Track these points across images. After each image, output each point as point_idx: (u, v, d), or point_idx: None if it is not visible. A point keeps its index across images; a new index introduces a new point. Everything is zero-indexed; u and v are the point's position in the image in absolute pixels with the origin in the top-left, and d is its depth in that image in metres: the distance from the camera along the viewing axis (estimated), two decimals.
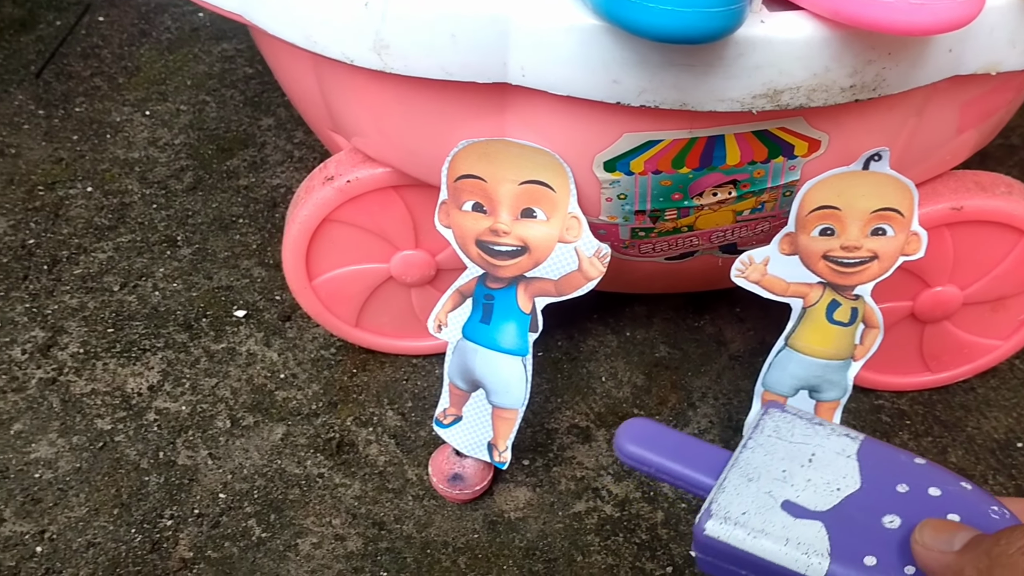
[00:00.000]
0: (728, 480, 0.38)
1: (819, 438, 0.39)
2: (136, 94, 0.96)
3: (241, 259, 0.80)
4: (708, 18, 0.41)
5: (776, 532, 0.36)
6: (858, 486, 0.37)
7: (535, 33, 0.47)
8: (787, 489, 0.38)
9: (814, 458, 0.38)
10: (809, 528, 0.36)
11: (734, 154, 0.53)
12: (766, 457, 0.38)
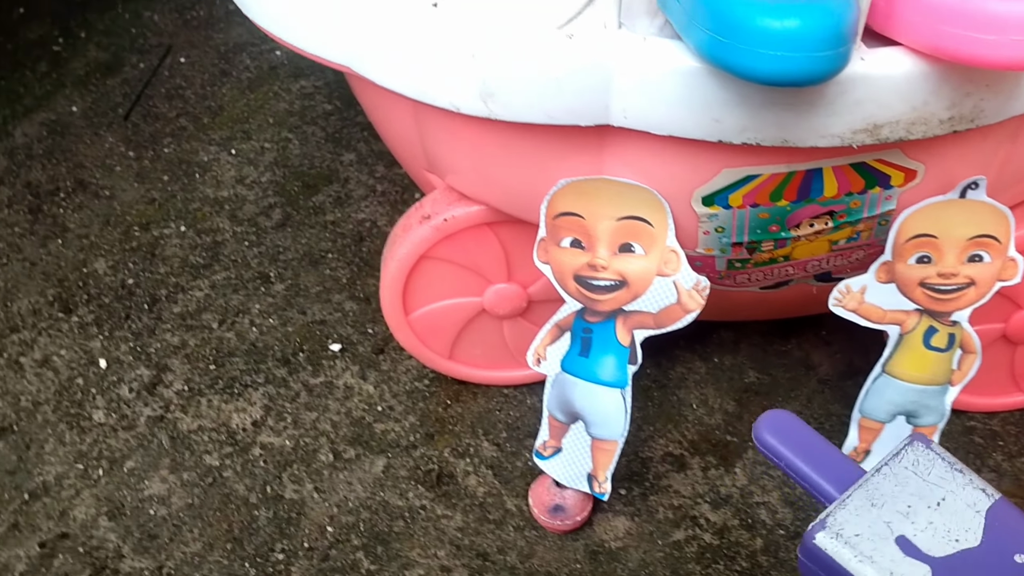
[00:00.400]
0: (852, 498, 0.39)
1: (954, 484, 0.39)
2: (221, 133, 0.99)
3: (332, 293, 0.82)
4: (817, 62, 0.42)
5: (882, 562, 0.37)
6: (977, 543, 0.37)
7: (638, 77, 0.48)
8: (907, 525, 0.38)
9: (943, 503, 0.38)
10: (916, 569, 0.37)
11: (831, 186, 0.53)
12: (896, 487, 0.39)
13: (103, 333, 0.80)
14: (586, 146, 0.53)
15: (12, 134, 0.99)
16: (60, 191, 0.92)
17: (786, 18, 0.41)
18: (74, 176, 0.94)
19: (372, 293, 0.82)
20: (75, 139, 0.98)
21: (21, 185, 0.93)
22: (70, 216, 0.90)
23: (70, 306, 0.82)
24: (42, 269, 0.85)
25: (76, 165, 0.95)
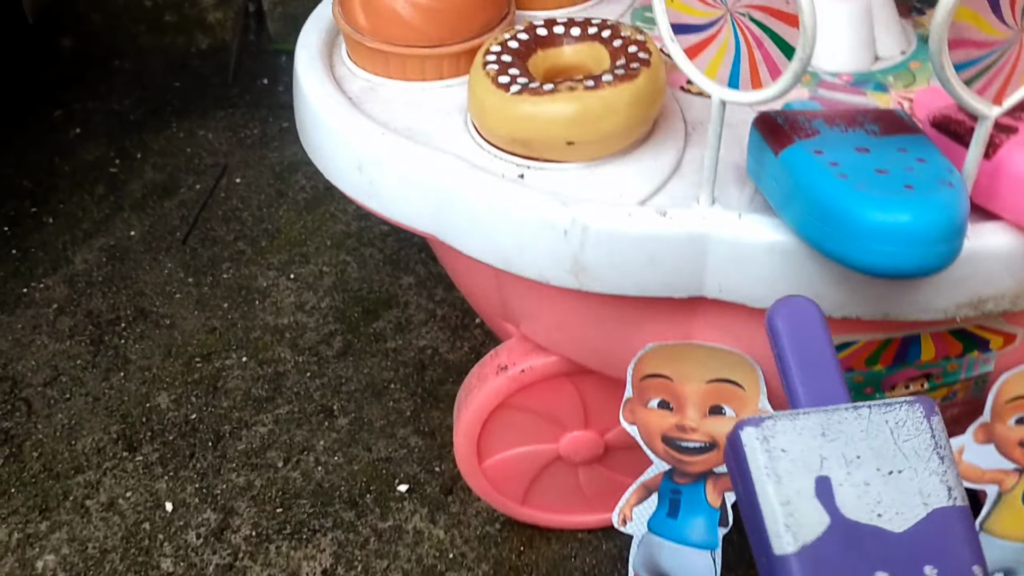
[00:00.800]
0: (806, 416, 0.35)
1: (922, 465, 0.35)
2: (279, 257, 0.99)
3: (397, 427, 0.81)
4: (930, 257, 0.41)
5: (787, 489, 0.33)
6: (898, 531, 0.33)
7: (734, 253, 0.48)
8: (840, 472, 0.34)
9: (895, 475, 0.34)
10: (815, 515, 0.33)
11: (929, 351, 0.52)
12: (860, 433, 0.35)
13: (168, 473, 0.79)
14: (676, 312, 0.53)
15: (72, 260, 0.99)
16: (121, 320, 0.93)
17: (897, 213, 0.40)
18: (135, 304, 0.94)
19: (437, 427, 0.81)
20: (134, 265, 0.99)
21: (82, 314, 0.93)
22: (131, 347, 0.90)
23: (134, 444, 0.81)
24: (105, 404, 0.85)
25: (136, 292, 0.95)
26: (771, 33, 0.41)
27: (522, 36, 0.57)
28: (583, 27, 0.57)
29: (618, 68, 0.53)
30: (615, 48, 0.55)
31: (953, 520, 0.34)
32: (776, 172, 0.46)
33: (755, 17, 0.41)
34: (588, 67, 0.56)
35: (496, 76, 0.54)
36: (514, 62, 0.55)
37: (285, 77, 1.26)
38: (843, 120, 0.48)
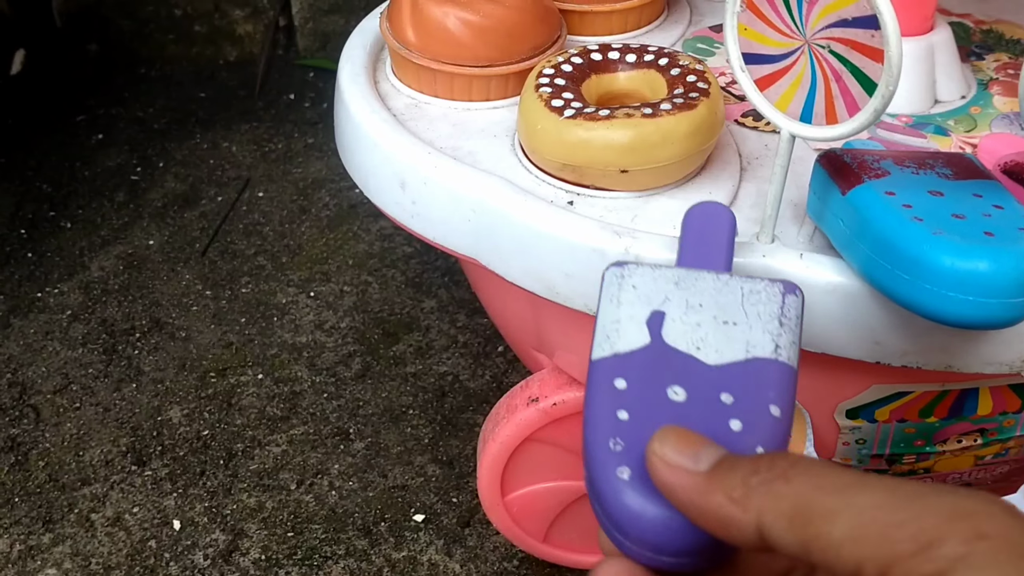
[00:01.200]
0: (667, 269, 0.38)
1: (760, 324, 0.36)
2: (300, 274, 0.97)
3: (414, 455, 0.79)
4: (1009, 309, 0.39)
5: (620, 312, 0.37)
6: (710, 364, 0.35)
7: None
8: (677, 310, 0.37)
9: (729, 325, 0.36)
10: (638, 334, 0.36)
11: (986, 405, 0.50)
12: (712, 290, 0.37)
13: (177, 490, 0.77)
14: None
15: (89, 267, 0.98)
16: (136, 330, 0.91)
17: (977, 260, 0.39)
18: (150, 314, 0.92)
19: (455, 456, 0.79)
20: (152, 275, 0.97)
21: (96, 323, 0.91)
22: (145, 358, 0.88)
23: (144, 458, 0.79)
24: (115, 416, 0.83)
25: (152, 303, 0.94)
26: (851, 67, 0.39)
27: (576, 60, 0.55)
28: (639, 54, 0.55)
29: (676, 97, 0.51)
30: (673, 77, 0.53)
31: (770, 370, 0.35)
32: (843, 212, 0.44)
33: (835, 50, 0.40)
34: (643, 94, 0.54)
35: (549, 99, 0.52)
36: (568, 86, 0.53)
37: (312, 93, 1.25)
38: (913, 162, 0.46)
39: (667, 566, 0.31)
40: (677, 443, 0.29)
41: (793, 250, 0.46)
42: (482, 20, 0.56)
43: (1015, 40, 0.65)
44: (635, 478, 0.32)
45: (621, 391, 0.35)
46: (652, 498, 0.31)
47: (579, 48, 0.56)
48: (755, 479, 0.26)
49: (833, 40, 0.40)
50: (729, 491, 0.26)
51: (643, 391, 0.35)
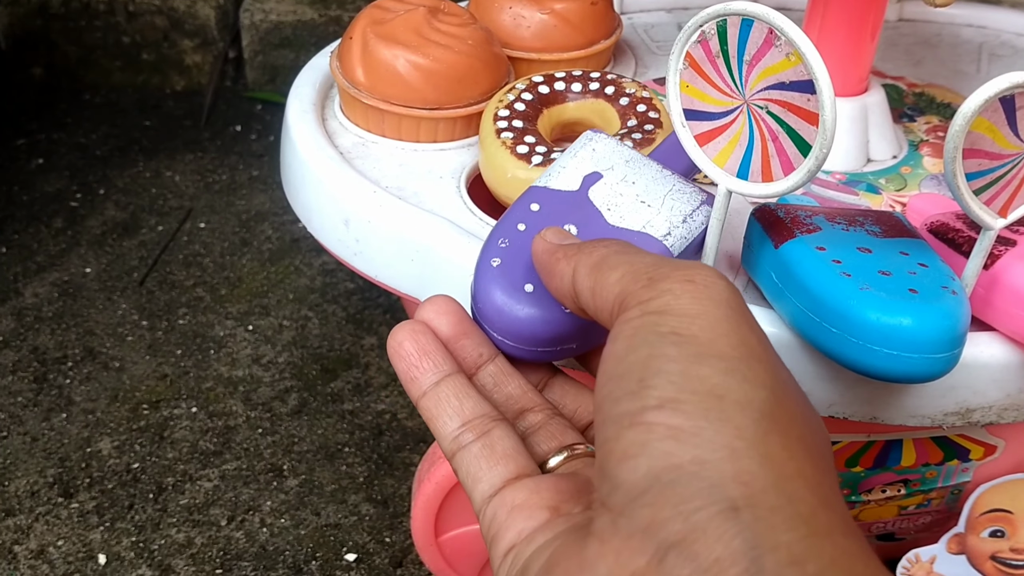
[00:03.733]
0: (628, 150, 0.46)
1: (666, 215, 0.44)
2: (239, 307, 0.96)
3: (348, 493, 0.79)
4: (931, 363, 0.40)
5: (569, 159, 0.45)
6: (611, 224, 0.43)
7: None
8: (611, 177, 0.45)
9: (646, 207, 0.44)
10: (571, 179, 0.45)
11: (910, 456, 0.52)
12: (649, 177, 0.45)
13: (104, 523, 0.75)
14: None
15: (22, 293, 0.96)
16: (68, 359, 0.89)
17: (902, 316, 0.40)
18: (84, 344, 0.91)
19: (390, 495, 0.78)
20: (87, 303, 0.95)
21: (28, 350, 0.90)
22: (76, 388, 0.86)
23: (71, 490, 0.78)
24: (43, 446, 0.81)
25: (86, 332, 0.92)
26: (788, 128, 0.41)
27: (526, 96, 0.56)
28: (583, 82, 0.57)
29: (634, 131, 0.53)
30: (622, 107, 0.55)
31: (650, 244, 0.43)
32: (774, 265, 0.45)
33: (772, 111, 0.41)
34: (593, 122, 0.56)
35: (514, 146, 0.53)
36: (526, 127, 0.55)
37: (258, 126, 1.25)
38: (844, 218, 0.48)
39: (527, 355, 0.41)
40: (557, 232, 0.39)
41: None
42: (431, 64, 0.57)
43: (945, 104, 0.68)
44: (504, 275, 0.41)
45: (533, 212, 0.44)
46: (515, 295, 0.40)
47: (526, 81, 0.57)
48: (583, 246, 0.36)
49: (771, 101, 0.41)
50: (565, 251, 0.36)
51: (546, 217, 0.43)
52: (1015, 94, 0.39)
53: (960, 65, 0.73)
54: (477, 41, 0.59)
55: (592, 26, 0.65)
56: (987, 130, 0.39)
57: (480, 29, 0.60)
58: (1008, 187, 0.42)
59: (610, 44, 0.67)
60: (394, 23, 0.58)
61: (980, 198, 0.42)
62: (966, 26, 0.79)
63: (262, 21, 1.25)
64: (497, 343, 0.42)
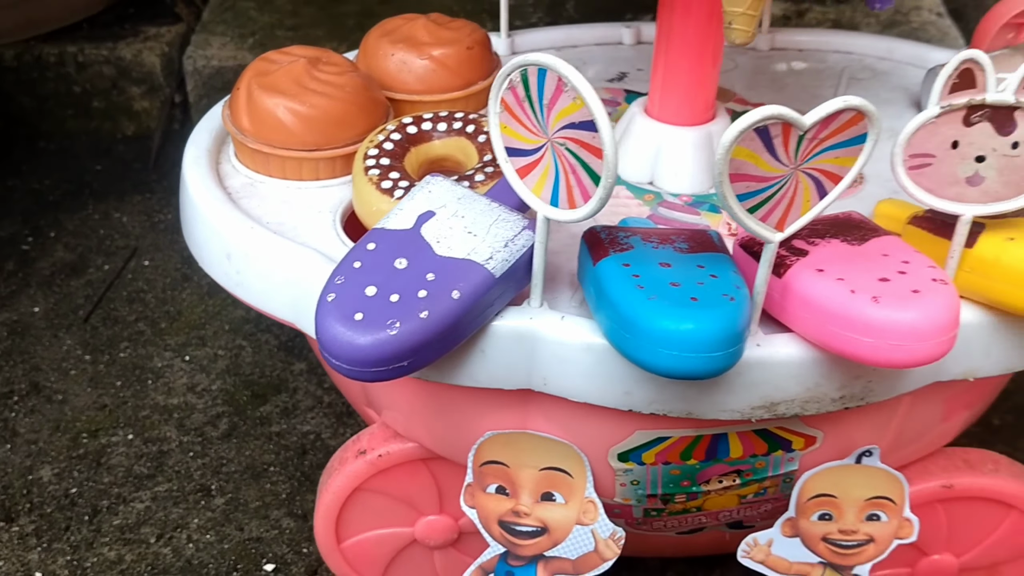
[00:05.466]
0: (460, 188, 0.54)
1: (488, 243, 0.51)
2: (177, 339, 1.02)
3: (272, 509, 0.84)
4: (710, 361, 0.46)
5: (412, 203, 0.53)
6: (436, 254, 0.50)
7: (555, 351, 0.53)
8: (443, 214, 0.52)
9: (472, 236, 0.51)
10: (406, 219, 0.52)
11: (737, 449, 0.57)
12: (478, 211, 0.52)
13: (42, 544, 0.80)
14: (512, 403, 0.57)
15: None
16: (14, 394, 0.95)
17: (680, 322, 0.46)
18: (29, 379, 0.96)
19: (310, 510, 0.84)
20: (34, 340, 1.01)
21: None
22: (21, 420, 0.92)
23: (12, 515, 0.83)
24: None
25: (32, 367, 0.98)
26: (582, 162, 0.47)
27: (395, 136, 0.62)
28: (448, 122, 0.63)
29: (487, 166, 0.59)
30: (480, 144, 0.61)
31: (473, 269, 0.49)
32: (592, 280, 0.51)
33: (570, 147, 0.47)
34: (457, 159, 0.62)
35: (379, 181, 0.59)
36: (392, 164, 0.61)
37: None
38: (658, 237, 0.54)
39: (363, 376, 0.47)
40: None
41: (557, 313, 0.53)
42: (308, 110, 0.63)
43: None
44: (337, 307, 0.47)
45: (369, 251, 0.50)
46: (346, 324, 0.47)
47: (396, 123, 0.63)
48: None
49: (568, 139, 0.47)
50: None
51: (380, 255, 0.50)
52: (768, 125, 0.45)
53: (820, 90, 0.80)
54: (354, 87, 0.65)
55: (469, 69, 0.71)
56: (748, 156, 0.45)
57: (358, 76, 0.66)
58: (780, 204, 0.48)
59: (487, 85, 0.73)
60: (277, 74, 0.64)
61: (756, 215, 0.48)
62: (832, 52, 0.85)
63: (205, 67, 1.32)
64: (336, 368, 0.48)
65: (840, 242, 0.52)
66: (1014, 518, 0.66)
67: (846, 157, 0.47)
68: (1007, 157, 0.49)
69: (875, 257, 0.51)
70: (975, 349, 0.55)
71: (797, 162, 0.46)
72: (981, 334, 0.54)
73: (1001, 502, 0.66)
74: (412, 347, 0.47)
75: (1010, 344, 0.55)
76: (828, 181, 0.48)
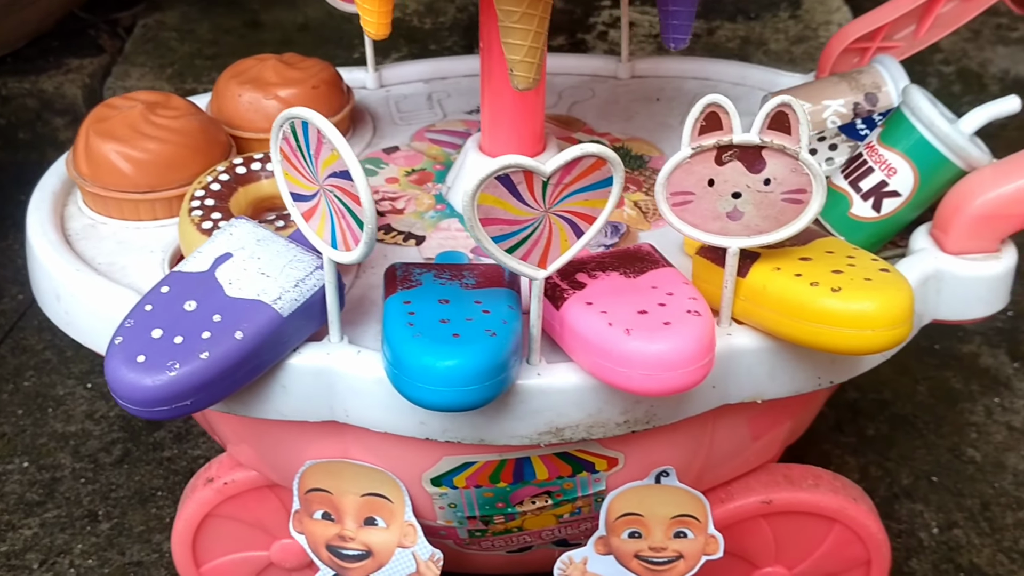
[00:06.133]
0: (267, 235, 0.57)
1: (281, 282, 0.54)
2: (81, 367, 1.05)
3: (155, 533, 0.87)
4: (468, 394, 0.49)
5: (212, 245, 0.56)
6: (230, 295, 0.53)
7: (352, 384, 0.55)
8: (241, 255, 0.55)
9: (265, 277, 0.54)
10: (203, 262, 0.55)
11: (543, 471, 0.60)
12: (275, 252, 0.55)
13: None
14: (329, 433, 0.60)
15: None
16: None
17: (440, 358, 0.49)
18: None
19: None
20: None
21: None
22: None
23: None
24: None
25: None
26: (348, 208, 0.50)
27: (223, 177, 0.65)
28: None
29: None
30: None
31: (259, 309, 0.52)
32: (383, 316, 0.54)
33: (337, 195, 0.50)
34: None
35: (200, 222, 0.62)
36: (217, 205, 0.63)
37: None
38: (450, 273, 0.56)
39: (148, 416, 0.50)
40: None
41: (354, 347, 0.56)
42: (140, 155, 0.66)
43: (639, 156, 0.77)
44: (123, 350, 0.51)
45: (162, 294, 0.53)
46: (129, 366, 0.50)
47: (227, 164, 0.66)
48: None
49: (334, 187, 0.50)
50: None
51: (172, 298, 0.53)
52: (509, 173, 0.48)
53: (667, 118, 0.82)
54: (189, 131, 0.68)
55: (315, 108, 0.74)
56: (495, 202, 0.48)
57: (195, 120, 0.69)
58: (538, 244, 0.50)
59: (336, 121, 0.76)
60: (114, 120, 0.67)
61: (515, 255, 0.50)
62: (691, 78, 0.88)
63: None
64: (124, 408, 0.50)
65: (619, 275, 0.55)
66: (839, 531, 0.69)
67: (596, 200, 0.49)
68: (761, 193, 0.52)
69: (644, 290, 0.53)
70: (759, 373, 0.57)
71: (546, 206, 0.49)
72: (763, 359, 0.57)
73: (823, 516, 0.68)
74: (193, 387, 0.50)
75: (793, 367, 0.58)
76: (582, 222, 0.50)
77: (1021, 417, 0.98)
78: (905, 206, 0.62)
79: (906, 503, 0.89)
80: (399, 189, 0.72)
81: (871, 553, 0.70)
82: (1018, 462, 0.93)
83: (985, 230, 0.61)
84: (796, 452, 0.90)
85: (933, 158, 0.61)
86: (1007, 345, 1.06)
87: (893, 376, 1.02)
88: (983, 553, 0.85)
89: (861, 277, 0.52)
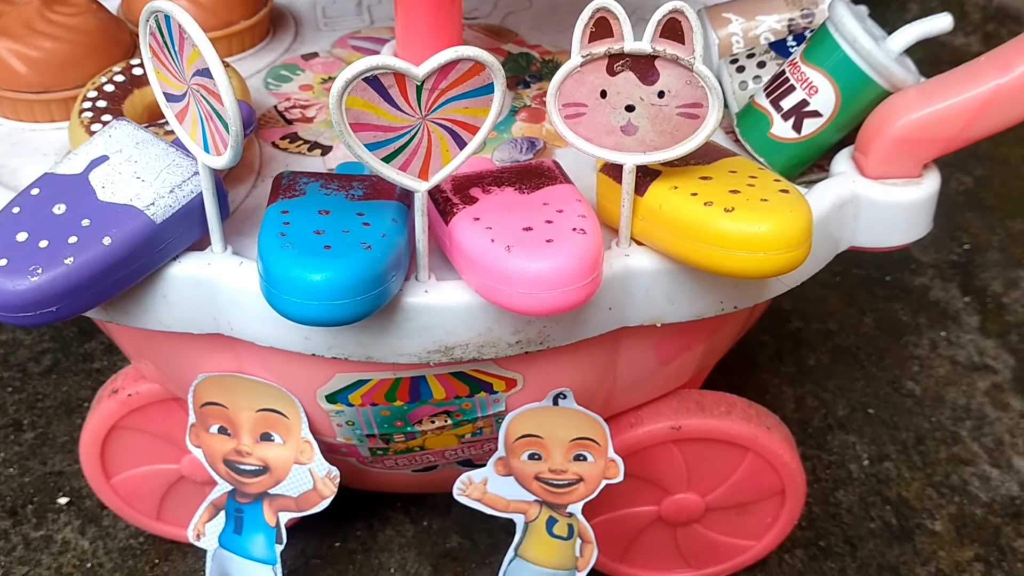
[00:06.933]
0: (149, 137, 0.54)
1: (151, 186, 0.51)
2: None
3: (78, 444, 0.86)
4: (338, 308, 0.47)
5: (89, 147, 0.54)
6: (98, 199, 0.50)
7: (234, 296, 0.53)
8: (117, 159, 0.52)
9: (140, 180, 0.51)
10: (77, 165, 0.52)
11: (439, 391, 0.59)
12: (154, 156, 0.53)
13: None
14: (223, 347, 0.58)
15: None
16: None
17: (307, 271, 0.46)
18: None
19: None
20: None
21: None
22: None
23: None
24: None
25: None
26: (214, 109, 0.47)
27: (119, 79, 0.62)
28: None
29: None
30: None
31: (130, 214, 0.50)
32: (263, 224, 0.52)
33: (203, 94, 0.47)
34: None
35: (89, 124, 0.59)
36: (109, 107, 0.61)
37: None
38: (338, 183, 0.54)
39: (15, 322, 0.48)
40: None
41: (236, 258, 0.54)
42: (34, 53, 0.63)
43: None
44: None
45: (32, 196, 0.51)
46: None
47: (123, 65, 0.63)
48: None
49: (200, 87, 0.47)
50: None
51: (41, 200, 0.50)
52: (378, 75, 0.45)
53: None
54: (88, 28, 0.65)
55: (226, 9, 0.71)
56: (365, 106, 0.46)
57: (94, 17, 0.66)
58: (417, 154, 0.48)
59: (251, 24, 0.72)
60: (8, 17, 0.64)
61: (393, 165, 0.48)
62: None
63: None
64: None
65: (513, 191, 0.53)
66: (751, 460, 0.68)
67: (477, 108, 0.47)
68: (655, 106, 0.49)
69: (535, 206, 0.51)
70: (657, 296, 0.55)
71: (423, 112, 0.47)
72: (661, 281, 0.55)
73: (735, 444, 0.67)
74: (56, 293, 0.48)
75: (693, 291, 0.56)
76: (464, 132, 0.48)
77: (966, 352, 0.96)
78: (827, 127, 0.60)
79: (839, 434, 0.88)
80: (312, 97, 0.69)
81: (785, 483, 0.69)
82: (958, 397, 0.92)
83: (907, 154, 0.58)
84: (735, 382, 0.89)
85: (856, 77, 0.58)
86: (960, 279, 1.04)
87: (840, 307, 1.01)
88: (912, 486, 0.84)
89: (758, 198, 0.50)
